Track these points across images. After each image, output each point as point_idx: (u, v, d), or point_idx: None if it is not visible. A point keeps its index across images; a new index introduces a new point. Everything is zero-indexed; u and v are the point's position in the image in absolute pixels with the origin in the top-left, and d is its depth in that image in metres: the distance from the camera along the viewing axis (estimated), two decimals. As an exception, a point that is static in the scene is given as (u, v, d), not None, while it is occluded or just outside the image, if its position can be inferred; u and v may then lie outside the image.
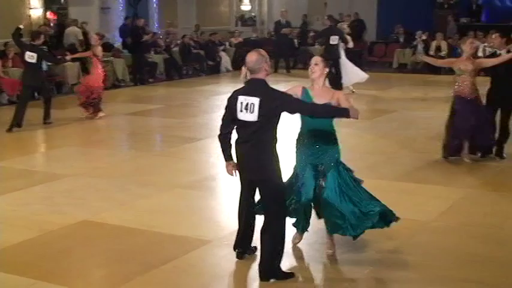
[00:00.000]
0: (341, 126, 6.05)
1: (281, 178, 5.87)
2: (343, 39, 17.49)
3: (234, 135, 5.94)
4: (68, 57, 15.52)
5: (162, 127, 14.03)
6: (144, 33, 20.29)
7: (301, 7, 27.06)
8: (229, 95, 5.90)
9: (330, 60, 6.46)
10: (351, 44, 17.88)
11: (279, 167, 5.82)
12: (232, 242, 6.50)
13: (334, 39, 17.40)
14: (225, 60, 23.09)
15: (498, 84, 9.98)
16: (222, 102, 16.64)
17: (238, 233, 6.36)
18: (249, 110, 5.65)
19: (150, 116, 15.30)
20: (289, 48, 23.25)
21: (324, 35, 18.29)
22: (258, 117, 5.63)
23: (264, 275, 5.90)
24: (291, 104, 5.75)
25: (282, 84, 15.42)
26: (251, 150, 5.78)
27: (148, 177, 9.52)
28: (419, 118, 14.02)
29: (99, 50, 14.09)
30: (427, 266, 6.26)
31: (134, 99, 17.26)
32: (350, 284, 5.96)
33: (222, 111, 5.98)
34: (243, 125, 5.79)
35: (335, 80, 14.99)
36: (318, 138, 6.25)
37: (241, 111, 5.72)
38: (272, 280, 5.89)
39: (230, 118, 5.87)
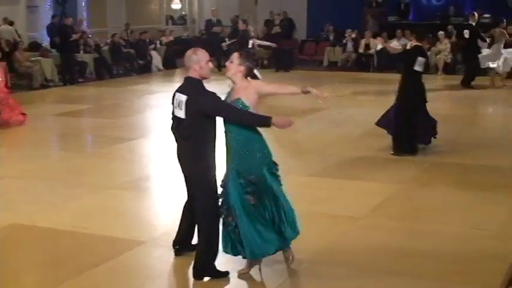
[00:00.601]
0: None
1: (212, 176, 5.86)
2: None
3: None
4: None
5: (94, 127, 13.84)
6: (73, 32, 20.00)
7: (232, 5, 27.08)
8: (160, 94, 5.91)
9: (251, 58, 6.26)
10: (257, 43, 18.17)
11: (211, 164, 5.82)
12: (167, 243, 6.48)
13: (251, 43, 17.49)
14: (156, 59, 22.94)
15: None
16: (153, 101, 16.55)
17: (178, 230, 6.37)
18: (180, 106, 5.75)
19: (81, 116, 15.07)
20: (220, 47, 23.24)
21: (244, 39, 18.12)
22: (186, 115, 5.71)
23: (196, 273, 5.92)
24: (215, 107, 5.70)
25: (213, 83, 15.40)
26: (184, 145, 5.86)
27: (81, 179, 9.39)
28: (350, 115, 14.21)
29: None
30: (359, 262, 6.34)
31: (64, 100, 16.98)
32: (285, 279, 6.00)
33: (154, 111, 5.99)
34: (177, 121, 5.87)
35: None
36: (239, 142, 5.87)
37: (175, 107, 5.82)
38: (206, 278, 5.91)
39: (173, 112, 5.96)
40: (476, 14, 18.60)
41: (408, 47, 10.59)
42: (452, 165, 9.91)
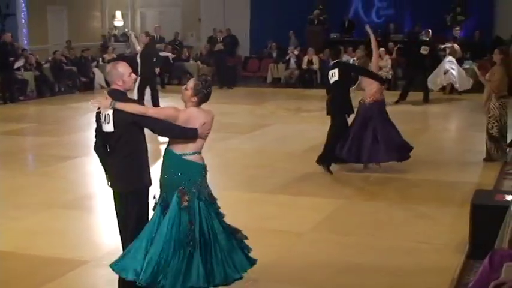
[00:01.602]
0: (216, 141, 6.02)
1: (146, 193, 5.77)
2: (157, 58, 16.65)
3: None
4: None
5: (36, 146, 13.64)
6: (13, 49, 19.70)
7: (175, 22, 27.06)
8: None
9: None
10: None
11: (146, 178, 5.73)
12: (111, 261, 6.40)
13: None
14: (99, 77, 22.71)
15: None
16: (97, 119, 16.08)
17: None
18: (106, 120, 5.64)
19: (23, 135, 14.85)
20: (164, 64, 23.20)
21: (150, 52, 16.27)
22: (114, 128, 5.60)
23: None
24: (141, 117, 5.60)
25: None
26: (116, 161, 5.71)
27: (23, 198, 9.23)
28: (295, 131, 14.31)
29: None
30: (304, 277, 6.38)
31: (4, 118, 16.66)
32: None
33: (97, 128, 5.87)
34: (107, 136, 5.72)
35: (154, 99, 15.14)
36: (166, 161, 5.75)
37: (102, 122, 5.69)
38: None
39: (99, 130, 5.80)
40: (430, 31, 19.00)
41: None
42: (395, 180, 10.04)
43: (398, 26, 24.27)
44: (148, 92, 15.43)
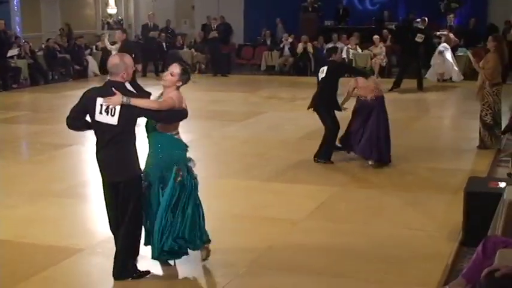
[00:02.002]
0: (213, 129, 6.01)
1: (141, 178, 5.91)
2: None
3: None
4: None
5: (30, 134, 13.62)
6: (6, 36, 19.63)
7: (169, 10, 27.00)
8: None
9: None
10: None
11: (139, 166, 5.87)
12: (106, 250, 6.42)
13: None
14: (92, 65, 22.69)
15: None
16: (91, 107, 16.06)
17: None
18: (110, 113, 5.60)
19: (16, 123, 14.81)
20: (157, 52, 23.19)
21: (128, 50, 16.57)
22: (119, 121, 5.59)
23: (117, 274, 5.88)
24: (151, 112, 5.70)
25: (150, 88, 15.36)
26: (112, 152, 5.74)
27: (17, 187, 9.21)
28: (289, 119, 14.30)
29: None
30: (299, 264, 6.39)
31: (-2, 106, 16.65)
32: (227, 283, 5.99)
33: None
34: (101, 127, 5.71)
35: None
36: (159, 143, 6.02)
37: (100, 113, 5.65)
38: (129, 279, 5.90)
39: (81, 112, 5.89)
40: (426, 20, 18.98)
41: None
42: (389, 167, 10.05)
43: (393, 14, 24.27)
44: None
